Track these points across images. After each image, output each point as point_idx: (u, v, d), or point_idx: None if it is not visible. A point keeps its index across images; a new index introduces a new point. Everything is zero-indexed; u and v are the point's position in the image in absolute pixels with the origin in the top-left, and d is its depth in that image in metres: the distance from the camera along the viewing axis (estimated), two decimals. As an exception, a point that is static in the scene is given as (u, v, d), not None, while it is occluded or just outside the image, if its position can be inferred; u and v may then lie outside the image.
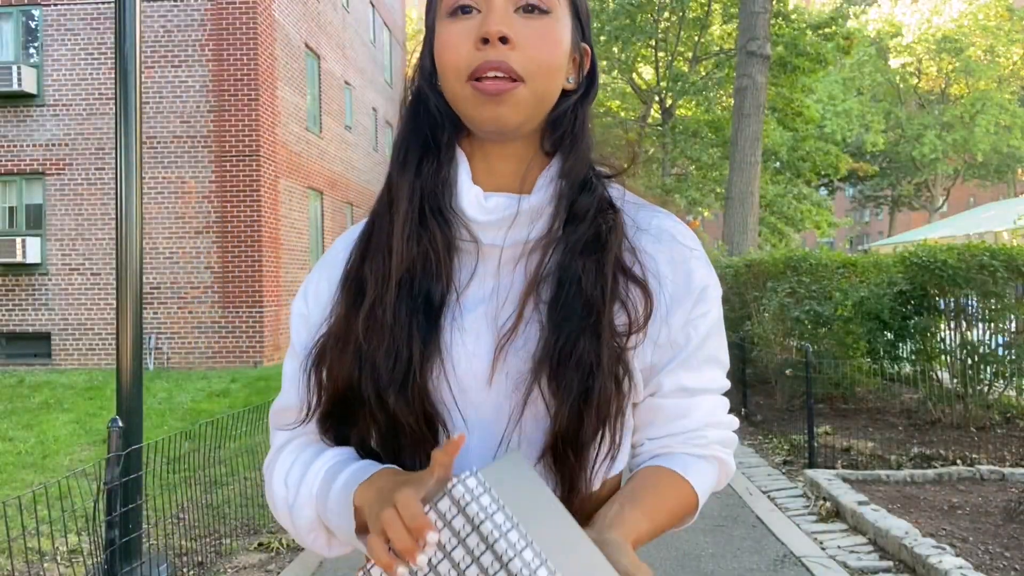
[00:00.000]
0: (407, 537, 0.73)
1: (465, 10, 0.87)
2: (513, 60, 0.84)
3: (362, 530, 0.84)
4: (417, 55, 0.96)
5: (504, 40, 0.84)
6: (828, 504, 4.81)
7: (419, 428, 0.87)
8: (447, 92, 0.89)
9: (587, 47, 0.94)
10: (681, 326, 0.91)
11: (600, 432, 0.86)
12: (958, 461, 5.58)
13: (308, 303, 0.98)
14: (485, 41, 0.84)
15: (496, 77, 0.84)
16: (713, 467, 0.96)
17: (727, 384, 0.97)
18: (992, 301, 6.20)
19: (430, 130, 0.92)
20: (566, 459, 0.86)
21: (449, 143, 0.92)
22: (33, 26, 13.18)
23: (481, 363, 0.87)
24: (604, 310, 0.86)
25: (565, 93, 0.92)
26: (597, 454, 0.87)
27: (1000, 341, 6.41)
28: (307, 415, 0.94)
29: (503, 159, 0.92)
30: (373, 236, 0.93)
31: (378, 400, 0.87)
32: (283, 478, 0.94)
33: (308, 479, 0.91)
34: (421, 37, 0.99)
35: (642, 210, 0.95)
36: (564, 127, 0.92)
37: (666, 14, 24.98)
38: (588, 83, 0.95)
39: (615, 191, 0.95)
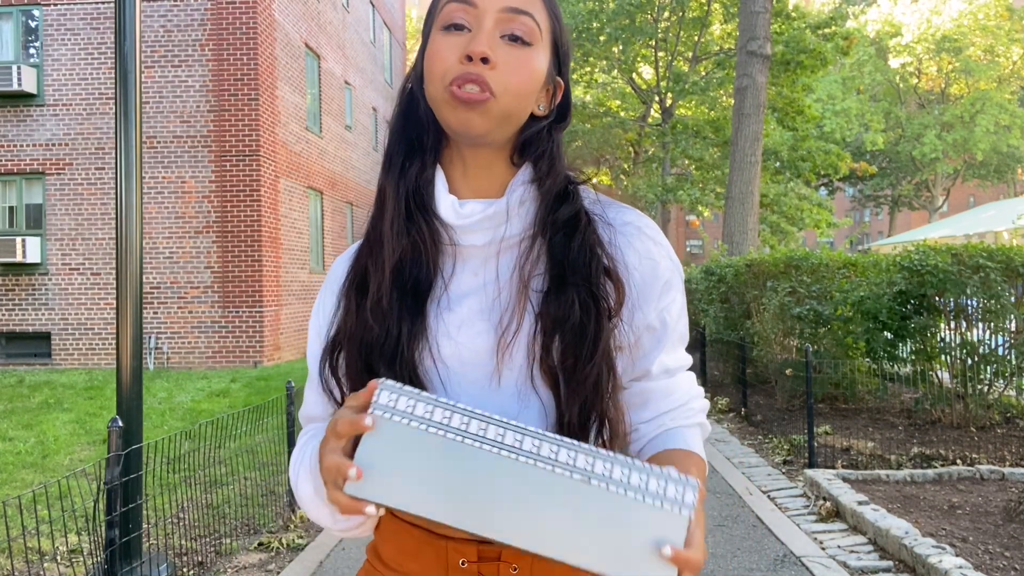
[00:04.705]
0: (359, 403, 0.83)
1: (458, 27, 0.95)
2: (489, 77, 0.93)
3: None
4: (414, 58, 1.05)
5: (485, 60, 0.93)
6: (828, 504, 4.81)
7: None
8: (429, 95, 0.97)
9: (561, 81, 1.04)
10: (656, 312, 1.01)
11: (597, 411, 0.94)
12: (958, 461, 5.58)
13: (319, 319, 1.06)
14: (470, 58, 0.93)
15: (471, 88, 0.93)
16: (699, 432, 1.07)
17: (691, 358, 1.09)
18: (991, 302, 6.19)
19: (416, 133, 1.01)
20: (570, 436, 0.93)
21: (432, 147, 1.01)
22: (33, 26, 13.18)
23: (466, 350, 0.96)
24: (588, 299, 0.95)
25: (536, 118, 1.01)
26: (598, 433, 0.95)
27: (1000, 341, 6.40)
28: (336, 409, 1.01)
29: (478, 167, 1.01)
30: (371, 235, 1.01)
31: (371, 375, 0.94)
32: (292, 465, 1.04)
33: (305, 458, 0.99)
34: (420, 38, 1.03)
35: (610, 208, 1.04)
36: (539, 148, 1.01)
37: (666, 14, 24.99)
38: (562, 113, 1.04)
39: (586, 193, 1.04)
